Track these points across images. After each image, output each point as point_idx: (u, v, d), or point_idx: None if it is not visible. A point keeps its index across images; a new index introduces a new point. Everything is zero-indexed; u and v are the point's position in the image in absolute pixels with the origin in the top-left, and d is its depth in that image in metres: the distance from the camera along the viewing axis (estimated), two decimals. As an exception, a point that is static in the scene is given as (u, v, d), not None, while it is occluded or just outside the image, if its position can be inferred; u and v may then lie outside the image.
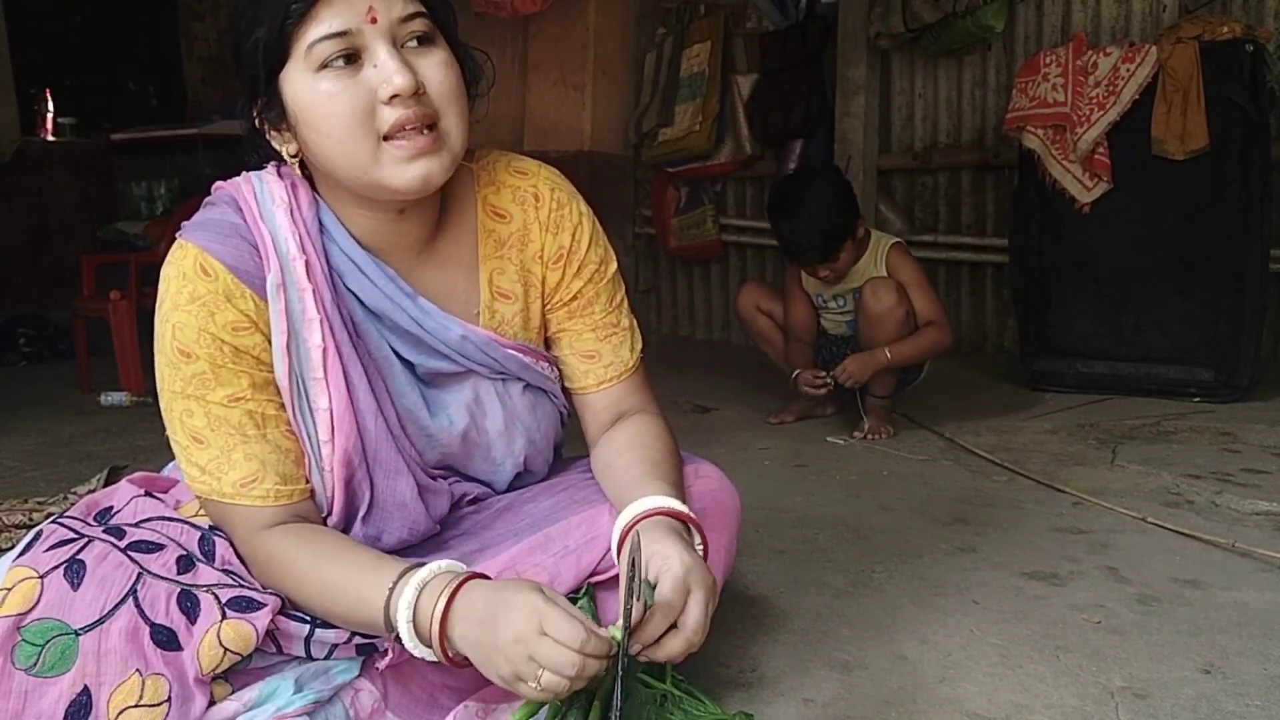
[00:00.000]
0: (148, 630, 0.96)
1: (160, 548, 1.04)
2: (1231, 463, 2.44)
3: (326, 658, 1.08)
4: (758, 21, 4.69)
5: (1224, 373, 3.13)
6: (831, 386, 2.83)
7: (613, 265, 1.25)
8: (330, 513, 1.12)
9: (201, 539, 1.10)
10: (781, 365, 3.14)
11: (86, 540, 1.00)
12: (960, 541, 1.94)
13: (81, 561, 0.98)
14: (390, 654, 1.08)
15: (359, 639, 1.07)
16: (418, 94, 0.99)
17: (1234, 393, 3.12)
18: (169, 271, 1.06)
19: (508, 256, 1.18)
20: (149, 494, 1.18)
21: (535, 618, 0.89)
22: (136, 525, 1.08)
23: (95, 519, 1.12)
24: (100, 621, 0.94)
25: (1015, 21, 4.03)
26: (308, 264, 1.07)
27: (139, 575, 0.99)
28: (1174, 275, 3.20)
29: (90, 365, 3.85)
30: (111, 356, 3.69)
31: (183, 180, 5.39)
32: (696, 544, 1.07)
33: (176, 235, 1.08)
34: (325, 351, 1.07)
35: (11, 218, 5.30)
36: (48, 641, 0.93)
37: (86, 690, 0.93)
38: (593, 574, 1.16)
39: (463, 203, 1.18)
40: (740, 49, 4.74)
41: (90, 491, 1.65)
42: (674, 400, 3.42)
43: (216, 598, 1.00)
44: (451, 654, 0.96)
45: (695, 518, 1.08)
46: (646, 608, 0.97)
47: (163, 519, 1.11)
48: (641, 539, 1.01)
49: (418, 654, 0.97)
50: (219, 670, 1.00)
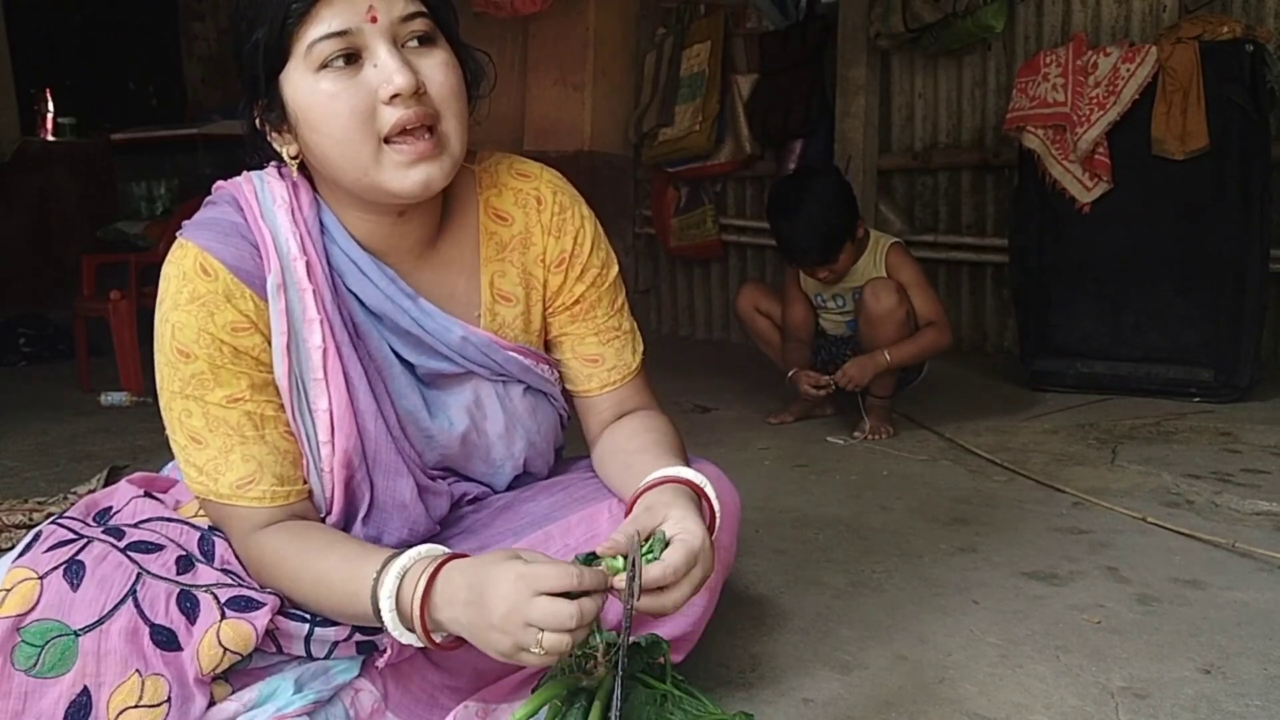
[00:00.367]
0: (147, 631, 0.96)
1: (160, 548, 1.04)
2: (1231, 463, 2.44)
3: (327, 656, 1.08)
4: (758, 21, 4.69)
5: (1224, 373, 3.12)
6: (832, 390, 2.84)
7: (614, 269, 1.25)
8: (329, 513, 1.12)
9: (201, 539, 1.10)
10: (781, 365, 3.14)
11: (86, 541, 1.00)
12: (960, 541, 1.94)
13: (81, 562, 0.98)
14: (389, 652, 1.08)
15: (359, 636, 1.07)
16: (418, 94, 0.99)
17: (1234, 393, 3.12)
18: (169, 271, 1.06)
19: (509, 259, 1.18)
20: (148, 494, 1.18)
21: (523, 583, 0.88)
22: (136, 526, 1.08)
23: (94, 519, 1.12)
24: (100, 622, 0.94)
25: (1015, 21, 4.03)
26: (308, 264, 1.07)
27: (138, 575, 0.99)
28: (1174, 275, 3.20)
29: (90, 365, 3.85)
30: (111, 356, 3.69)
31: (183, 180, 5.39)
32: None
33: (177, 234, 1.08)
34: (325, 352, 1.07)
35: (11, 218, 5.30)
36: (47, 642, 0.93)
37: (86, 691, 0.93)
38: None
39: (464, 204, 1.17)
40: (740, 49, 4.74)
41: (90, 491, 1.65)
42: (674, 400, 3.42)
43: (215, 597, 1.00)
44: (438, 639, 0.96)
45: (711, 498, 1.08)
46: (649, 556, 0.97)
47: (162, 519, 1.11)
48: (667, 502, 1.01)
49: (405, 641, 0.97)
50: (219, 670, 1.00)
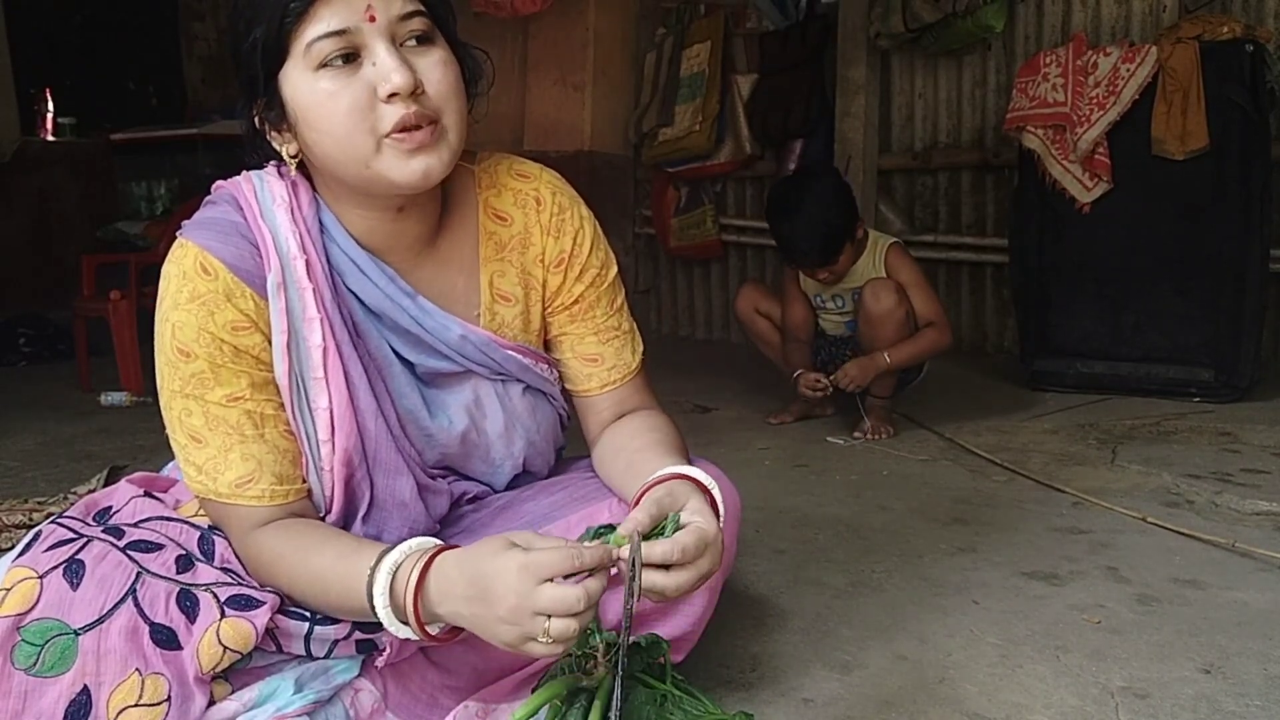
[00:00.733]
0: (147, 630, 0.96)
1: (159, 547, 1.04)
2: (1231, 463, 2.44)
3: (327, 655, 1.08)
4: (758, 21, 4.69)
5: (1224, 373, 3.13)
6: (830, 391, 2.83)
7: (613, 269, 1.25)
8: (329, 512, 1.12)
9: (201, 538, 1.10)
10: (781, 366, 3.14)
11: (85, 540, 1.00)
12: (960, 541, 1.94)
13: (80, 561, 0.98)
14: (389, 650, 1.08)
15: (359, 634, 1.07)
16: (416, 93, 0.99)
17: (1234, 393, 3.12)
18: (169, 270, 1.06)
19: (508, 259, 1.18)
20: (148, 494, 1.18)
21: (526, 573, 0.87)
22: (135, 525, 1.08)
23: (94, 519, 1.12)
24: (100, 621, 0.94)
25: (1015, 21, 4.03)
26: (308, 263, 1.07)
27: (138, 575, 0.99)
28: (1174, 275, 3.20)
29: (90, 365, 3.85)
30: (111, 356, 3.69)
31: (183, 180, 5.39)
32: None
33: (177, 234, 1.08)
34: (325, 351, 1.07)
35: (11, 218, 5.30)
36: (47, 641, 0.93)
37: (86, 690, 0.93)
38: None
39: (463, 204, 1.17)
40: (740, 49, 4.74)
41: (90, 491, 1.65)
42: (674, 400, 3.42)
43: (215, 596, 1.00)
44: (434, 631, 0.96)
45: (717, 499, 1.08)
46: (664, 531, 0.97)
47: (162, 519, 1.11)
48: (685, 493, 1.01)
49: (401, 635, 0.97)
50: (219, 669, 1.00)
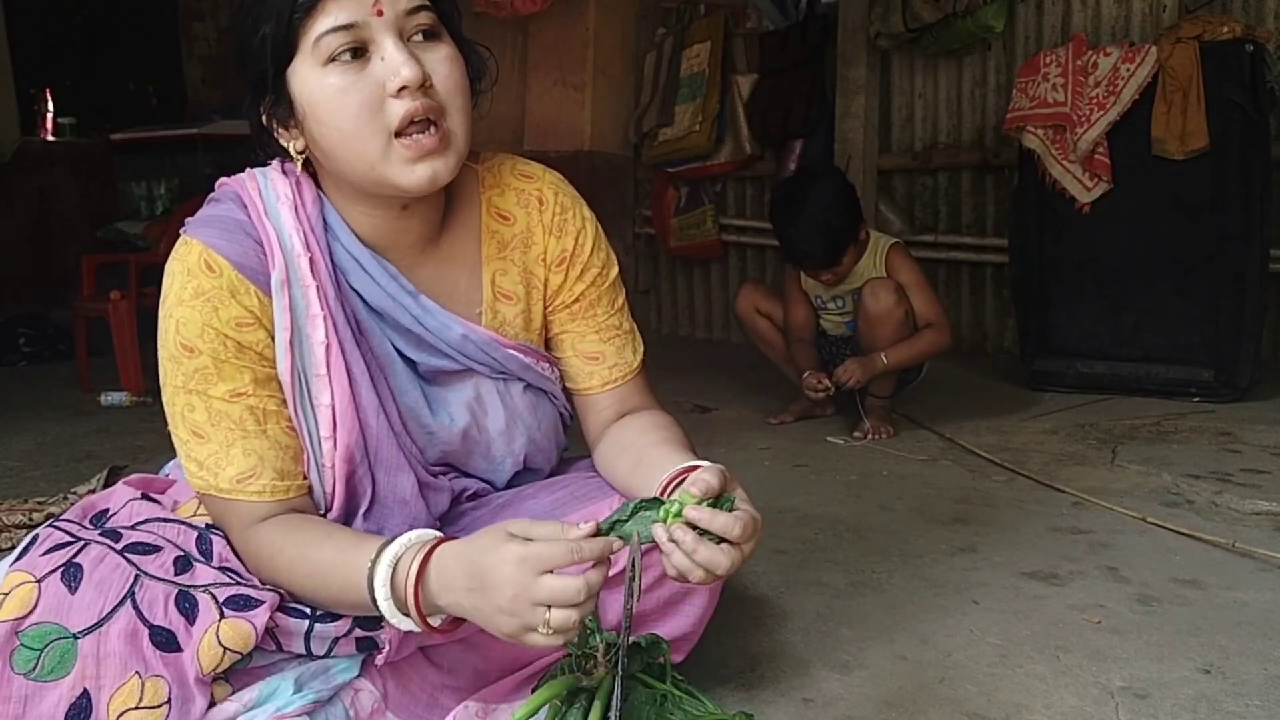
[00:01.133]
0: (147, 632, 0.96)
1: (157, 549, 1.04)
2: (1231, 463, 2.44)
3: (327, 654, 1.08)
4: (758, 21, 4.69)
5: (1224, 373, 3.13)
6: (831, 392, 2.83)
7: (614, 270, 1.26)
8: (330, 509, 1.12)
9: (199, 538, 1.09)
10: (783, 366, 3.14)
11: (83, 544, 1.00)
12: (960, 541, 1.94)
13: (78, 565, 0.97)
14: (388, 649, 1.08)
15: (359, 632, 1.07)
16: (425, 87, 0.99)
17: (1234, 393, 3.12)
18: (173, 267, 1.06)
19: (510, 258, 1.19)
20: (145, 496, 1.18)
21: (526, 566, 0.88)
22: (133, 528, 1.08)
23: (91, 522, 1.12)
24: (99, 624, 0.94)
25: (1015, 21, 4.03)
26: (312, 261, 1.07)
27: (136, 577, 0.98)
28: (1174, 275, 3.20)
29: (90, 365, 3.85)
30: (111, 356, 3.69)
31: (183, 180, 5.39)
32: None
33: (180, 231, 1.08)
34: (329, 348, 1.07)
35: (11, 218, 5.30)
36: (46, 645, 0.93)
37: (86, 693, 0.93)
38: None
39: (466, 203, 1.18)
40: (740, 49, 4.74)
41: (90, 492, 1.65)
42: (674, 400, 3.42)
43: (214, 597, 1.00)
44: (435, 623, 0.97)
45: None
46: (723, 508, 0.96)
47: (159, 520, 1.11)
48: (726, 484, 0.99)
49: (403, 627, 0.98)
50: (220, 670, 0.99)
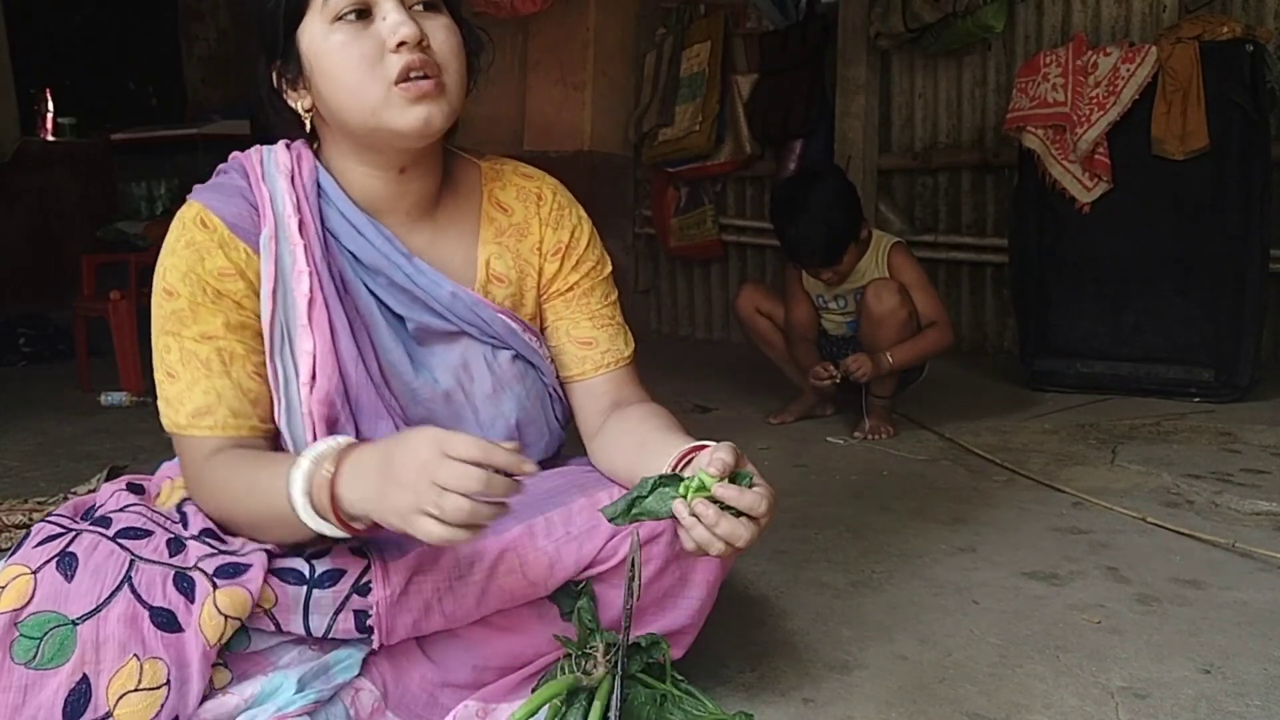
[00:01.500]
0: (146, 614, 0.97)
1: (149, 533, 1.05)
2: (1231, 463, 2.44)
3: (325, 634, 1.08)
4: (758, 21, 4.69)
5: (1224, 373, 3.13)
6: (838, 380, 2.82)
7: (608, 268, 1.32)
8: None
9: (176, 509, 1.13)
10: (784, 366, 3.14)
11: (75, 534, 1.01)
12: (960, 541, 1.94)
13: (72, 554, 0.98)
14: (380, 623, 1.08)
15: (356, 600, 1.07)
16: (422, 44, 1.07)
17: (1234, 393, 3.12)
18: (173, 224, 1.14)
19: (505, 244, 1.25)
20: (130, 486, 1.21)
21: (434, 445, 0.89)
22: (121, 510, 1.09)
23: (82, 518, 1.13)
24: (98, 609, 0.95)
25: (1015, 21, 4.03)
26: (301, 222, 1.14)
27: (131, 562, 1.00)
28: (1174, 275, 3.20)
29: (90, 365, 3.85)
30: (111, 356, 3.69)
31: (183, 180, 5.38)
32: None
33: (187, 196, 1.16)
34: (312, 301, 1.13)
35: (12, 218, 5.31)
36: (46, 633, 0.94)
37: (85, 679, 0.94)
38: (592, 563, 1.16)
39: (468, 191, 1.25)
40: (740, 49, 4.74)
41: (90, 491, 1.65)
42: (674, 400, 3.42)
43: (204, 571, 1.01)
44: (351, 522, 0.96)
45: None
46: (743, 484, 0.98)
47: (144, 505, 1.13)
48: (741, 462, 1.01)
49: (318, 529, 0.97)
50: (224, 639, 1.01)
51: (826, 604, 1.63)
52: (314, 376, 1.12)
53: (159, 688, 0.96)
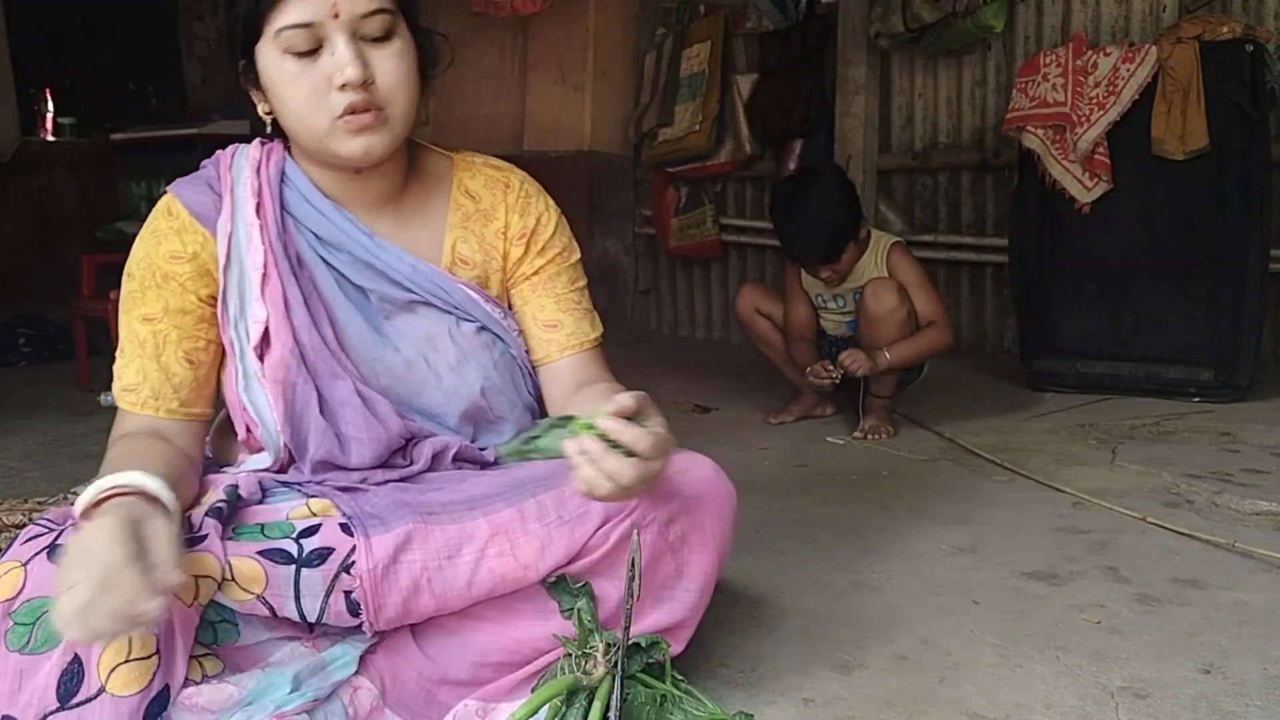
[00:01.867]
0: None
1: None
2: (1231, 463, 2.44)
3: (319, 619, 1.08)
4: (758, 21, 4.69)
5: (1224, 373, 3.12)
6: (837, 379, 2.82)
7: (575, 255, 1.35)
8: (278, 419, 1.19)
9: None
10: (783, 367, 3.14)
11: (62, 529, 1.03)
12: (960, 541, 1.94)
13: (61, 545, 0.99)
14: (368, 607, 1.08)
15: (345, 580, 1.08)
16: (367, 84, 1.11)
17: (1234, 393, 3.12)
18: (150, 215, 1.23)
19: (471, 229, 1.28)
20: None
21: (103, 589, 0.84)
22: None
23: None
24: None
25: (1015, 21, 4.03)
26: (260, 204, 1.20)
27: None
28: (1174, 275, 3.20)
29: (90, 365, 3.85)
30: (111, 356, 3.67)
31: (183, 180, 5.38)
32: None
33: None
34: (266, 276, 1.18)
35: (11, 218, 5.30)
36: (38, 619, 0.95)
37: (77, 658, 0.95)
38: (584, 550, 1.16)
39: (438, 180, 1.29)
40: (740, 49, 4.74)
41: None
42: (674, 400, 3.42)
43: None
44: None
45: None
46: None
47: None
48: (650, 413, 1.02)
49: None
50: (202, 601, 1.02)
51: (826, 604, 1.63)
52: (267, 344, 1.18)
53: (149, 657, 0.97)
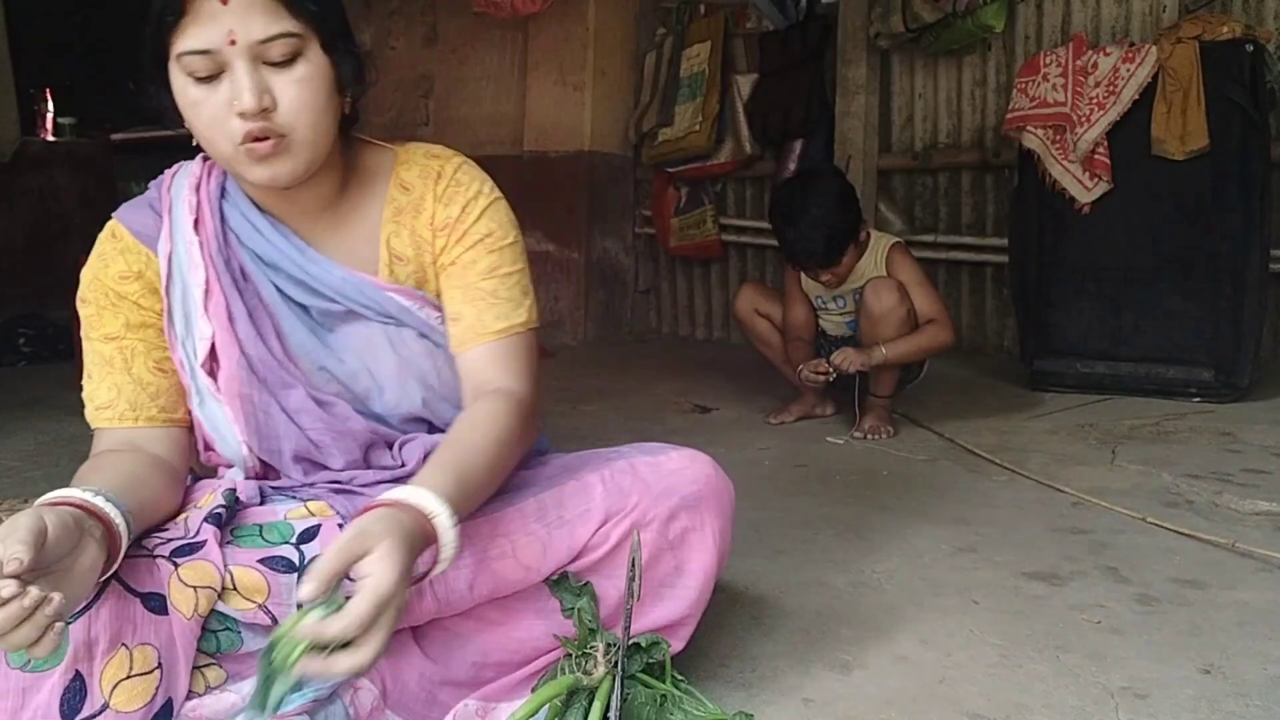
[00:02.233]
0: (138, 600, 0.99)
1: None
2: (1231, 463, 2.44)
3: None
4: (758, 21, 4.70)
5: (1224, 373, 3.13)
6: (834, 376, 2.82)
7: (508, 240, 1.25)
8: (239, 432, 1.19)
9: None
10: (782, 367, 3.14)
11: None
12: (960, 541, 1.93)
13: None
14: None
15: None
16: (266, 111, 1.07)
17: (1234, 393, 3.12)
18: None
19: (403, 222, 1.26)
20: None
21: None
22: None
23: None
24: (88, 608, 0.96)
25: (1015, 21, 4.03)
26: (198, 221, 1.21)
27: None
28: (1174, 275, 3.20)
29: (90, 365, 3.85)
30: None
31: (182, 180, 5.38)
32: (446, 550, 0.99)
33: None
34: (208, 293, 1.19)
35: (11, 218, 5.30)
36: None
37: (79, 675, 0.95)
38: (585, 549, 1.16)
39: (378, 179, 1.27)
40: (740, 49, 4.75)
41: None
42: (674, 400, 3.42)
43: (162, 555, 1.03)
44: None
45: (440, 530, 0.98)
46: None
47: None
48: (379, 533, 0.92)
49: None
50: (201, 613, 1.02)
51: (826, 604, 1.63)
52: (215, 359, 1.19)
53: (151, 671, 0.97)
